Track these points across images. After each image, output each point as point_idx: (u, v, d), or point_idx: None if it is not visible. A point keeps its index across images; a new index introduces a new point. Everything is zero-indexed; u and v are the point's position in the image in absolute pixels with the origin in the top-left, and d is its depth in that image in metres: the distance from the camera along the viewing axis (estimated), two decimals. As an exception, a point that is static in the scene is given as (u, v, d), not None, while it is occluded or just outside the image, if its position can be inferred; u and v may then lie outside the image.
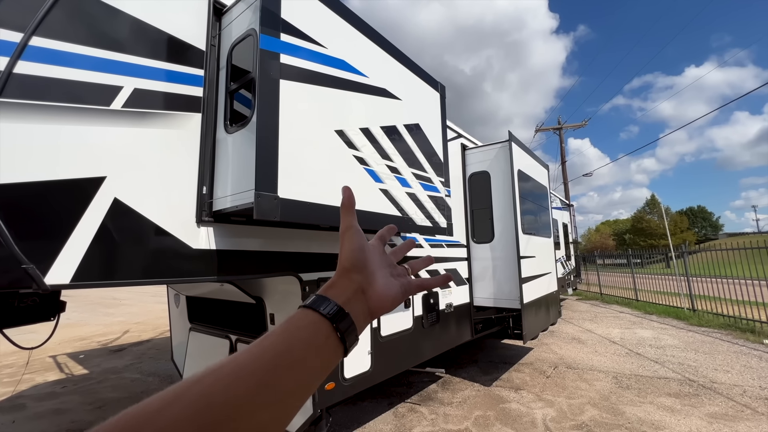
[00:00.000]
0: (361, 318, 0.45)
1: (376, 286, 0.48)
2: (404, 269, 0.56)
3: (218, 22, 2.16)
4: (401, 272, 0.54)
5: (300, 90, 2.00)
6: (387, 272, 0.51)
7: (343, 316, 0.42)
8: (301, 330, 0.40)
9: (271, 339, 0.38)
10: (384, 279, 0.49)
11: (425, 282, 0.55)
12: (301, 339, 0.39)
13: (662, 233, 45.63)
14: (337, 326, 0.41)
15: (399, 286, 0.50)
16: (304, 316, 0.41)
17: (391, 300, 0.48)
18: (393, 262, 0.55)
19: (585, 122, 21.65)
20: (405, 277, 0.54)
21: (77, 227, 1.50)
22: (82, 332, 8.22)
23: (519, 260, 4.28)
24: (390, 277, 0.51)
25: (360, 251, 0.48)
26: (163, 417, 0.29)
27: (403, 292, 0.51)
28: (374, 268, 0.49)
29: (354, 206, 0.52)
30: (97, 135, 1.61)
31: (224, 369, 0.34)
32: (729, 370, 4.83)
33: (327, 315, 0.41)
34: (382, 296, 0.48)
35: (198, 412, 0.30)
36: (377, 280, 0.48)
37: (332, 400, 2.63)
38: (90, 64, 1.60)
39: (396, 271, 0.53)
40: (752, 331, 6.78)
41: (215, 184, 2.03)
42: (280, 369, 0.35)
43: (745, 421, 3.40)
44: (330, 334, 0.41)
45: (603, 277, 13.75)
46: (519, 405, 3.89)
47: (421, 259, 0.63)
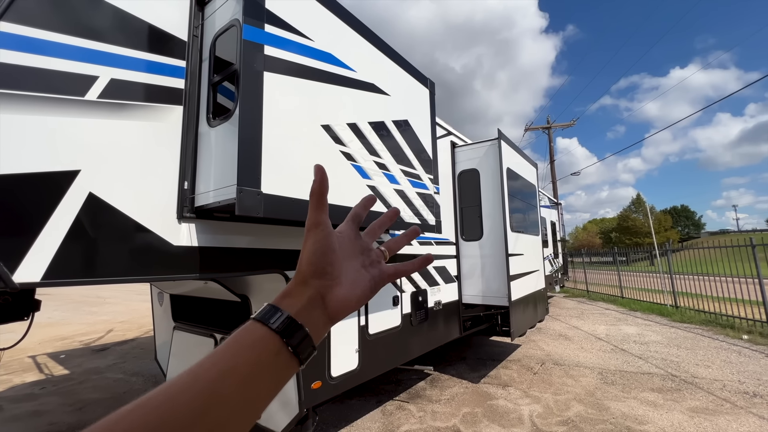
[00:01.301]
0: (319, 326, 0.42)
1: (339, 288, 0.43)
2: (380, 253, 0.50)
3: (201, 12, 2.09)
4: (375, 258, 0.49)
5: (285, 83, 1.96)
6: (358, 263, 0.47)
7: (294, 328, 0.39)
8: (245, 348, 0.36)
9: (213, 359, 0.35)
10: (352, 275, 0.45)
11: (401, 268, 0.50)
12: (245, 358, 0.36)
13: (647, 232, 46.66)
14: (288, 341, 0.38)
15: (369, 281, 0.46)
16: (250, 331, 0.38)
17: (355, 301, 0.44)
18: (368, 247, 0.49)
19: (573, 122, 21.93)
20: (378, 265, 0.48)
21: (48, 223, 1.44)
22: (63, 331, 8.00)
23: (507, 258, 4.30)
24: (361, 269, 0.47)
25: (323, 254, 0.43)
26: None
27: (372, 287, 0.46)
28: (340, 268, 0.44)
29: (326, 195, 0.45)
30: (71, 126, 1.54)
31: (157, 398, 0.31)
32: (710, 365, 4.94)
33: (276, 329, 0.38)
34: (346, 299, 0.44)
35: None
36: (342, 281, 0.44)
37: (319, 399, 2.60)
38: (63, 52, 1.53)
39: (369, 258, 0.48)
40: (732, 327, 6.96)
41: (197, 179, 1.97)
42: (222, 394, 0.32)
43: (725, 414, 3.48)
44: (280, 350, 0.38)
45: (590, 275, 13.97)
46: (506, 402, 3.92)
47: (402, 235, 0.54)
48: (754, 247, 6.93)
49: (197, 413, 0.31)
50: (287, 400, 2.49)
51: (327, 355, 2.69)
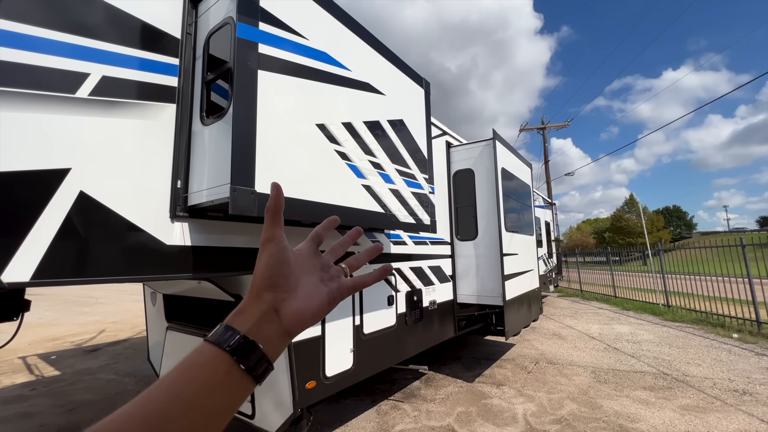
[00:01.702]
0: (275, 341, 0.41)
1: (293, 301, 0.43)
2: (340, 269, 0.51)
3: (194, 9, 2.07)
4: (335, 274, 0.50)
5: (280, 82, 1.95)
6: (316, 278, 0.47)
7: (248, 347, 0.38)
8: (195, 369, 0.36)
9: (163, 383, 0.34)
10: (308, 289, 0.45)
11: (359, 281, 0.51)
12: (195, 380, 0.35)
13: (640, 232, 47.12)
14: (240, 359, 0.37)
15: (326, 295, 0.47)
16: (201, 352, 0.38)
17: (311, 314, 0.44)
18: (327, 263, 0.50)
19: (568, 122, 22.08)
20: (337, 280, 0.49)
21: (38, 222, 1.41)
22: (54, 332, 7.90)
23: (502, 257, 4.32)
24: (318, 283, 0.47)
25: (276, 266, 0.43)
26: None
27: (330, 301, 0.47)
28: (296, 281, 0.45)
29: (281, 211, 0.46)
30: (61, 124, 1.52)
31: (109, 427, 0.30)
32: (700, 364, 5.01)
33: (227, 348, 0.37)
34: (301, 312, 0.43)
35: None
36: (297, 294, 0.44)
37: (313, 399, 2.60)
38: (53, 49, 1.51)
39: (329, 274, 0.49)
40: (722, 326, 7.06)
41: (190, 178, 1.95)
42: (172, 418, 0.32)
43: (715, 412, 3.53)
44: (231, 370, 0.37)
45: (583, 275, 14.08)
46: (501, 400, 3.94)
47: (363, 252, 0.56)
48: (744, 247, 7.03)
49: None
50: (281, 400, 2.48)
51: (322, 355, 2.69)
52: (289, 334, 0.43)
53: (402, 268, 3.74)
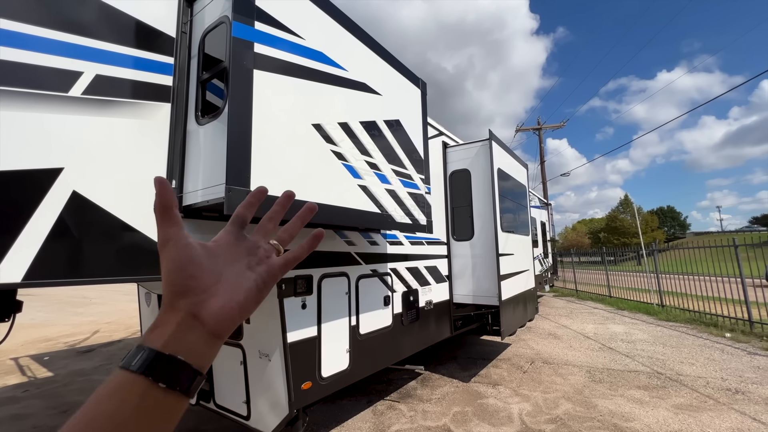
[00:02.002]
0: (200, 348, 0.38)
1: (214, 300, 0.39)
2: (270, 248, 0.46)
3: (189, 8, 2.06)
4: (264, 255, 0.45)
5: (275, 81, 1.94)
6: (240, 267, 0.43)
7: (164, 362, 0.35)
8: (105, 399, 0.33)
9: (74, 419, 0.32)
10: (231, 281, 0.41)
11: (290, 255, 0.46)
12: (105, 411, 0.32)
13: (634, 232, 47.49)
14: (157, 378, 0.34)
15: (253, 282, 0.42)
16: (111, 379, 0.34)
17: (238, 309, 0.40)
18: (254, 245, 0.45)
19: (563, 123, 22.19)
20: (267, 261, 0.44)
21: (30, 222, 1.40)
22: (47, 333, 7.82)
23: (498, 258, 4.33)
24: (244, 271, 0.42)
25: (181, 269, 0.39)
26: None
27: (259, 288, 0.42)
28: (213, 277, 0.40)
29: (172, 208, 0.40)
30: (54, 123, 1.51)
31: None
32: (694, 363, 5.05)
33: (137, 370, 0.34)
34: (225, 309, 0.39)
35: None
36: (217, 291, 0.40)
37: (309, 399, 2.59)
38: (46, 47, 1.50)
39: (256, 258, 0.44)
40: (715, 325, 7.13)
41: (185, 178, 1.94)
42: None
43: (708, 411, 3.56)
44: (147, 391, 0.34)
45: (578, 275, 14.16)
46: (496, 400, 3.95)
47: (295, 218, 0.50)
48: (737, 248, 7.10)
49: None
50: (277, 401, 2.47)
51: (317, 356, 2.68)
52: (217, 335, 0.39)
53: (398, 269, 3.74)
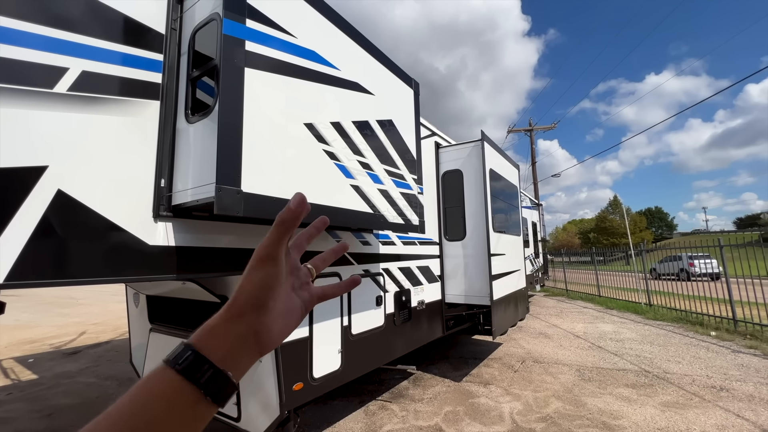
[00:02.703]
0: (245, 367, 0.38)
1: (276, 323, 0.40)
2: (307, 273, 0.47)
3: (179, 4, 2.03)
4: (304, 279, 0.46)
5: (267, 80, 1.92)
6: (288, 288, 0.43)
7: (218, 379, 0.35)
8: (160, 400, 0.32)
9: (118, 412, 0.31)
10: (285, 303, 0.41)
11: (328, 291, 0.48)
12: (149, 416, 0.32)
13: (623, 232, 48.23)
14: (208, 393, 0.34)
15: (300, 308, 0.43)
16: (165, 380, 0.33)
17: (289, 332, 0.42)
18: (297, 266, 0.45)
19: (554, 124, 22.43)
20: (308, 288, 0.45)
21: (12, 221, 1.36)
22: (32, 334, 7.64)
23: (489, 258, 4.36)
24: (291, 294, 0.43)
25: (270, 289, 0.39)
26: None
27: (303, 314, 0.44)
28: (277, 299, 0.40)
29: (294, 228, 0.40)
30: (38, 120, 1.47)
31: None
32: (680, 361, 5.15)
33: (194, 383, 0.33)
34: (281, 333, 0.40)
35: None
36: (278, 313, 0.40)
37: (300, 400, 2.57)
38: (30, 42, 1.46)
39: (299, 280, 0.45)
40: (701, 324, 7.28)
41: (175, 177, 1.91)
42: None
43: (694, 408, 3.63)
44: (195, 402, 0.34)
45: (569, 274, 14.33)
46: (488, 399, 3.97)
47: (330, 251, 0.51)
48: (722, 248, 7.26)
49: None
50: (268, 402, 2.45)
51: (309, 356, 2.67)
52: (260, 354, 0.40)
53: (390, 269, 3.74)
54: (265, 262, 0.39)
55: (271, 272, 0.39)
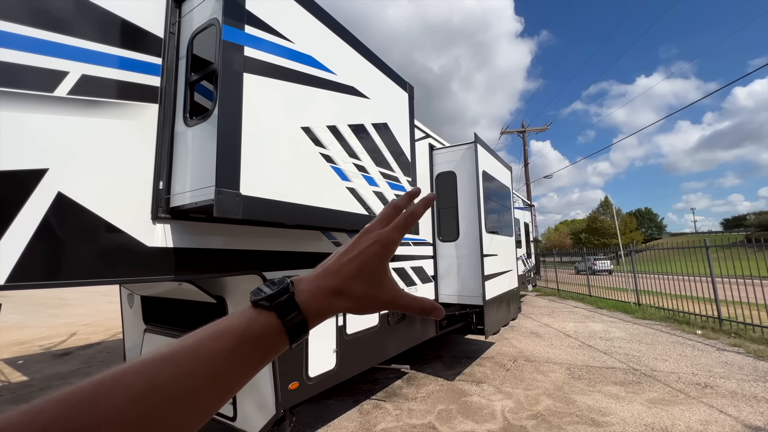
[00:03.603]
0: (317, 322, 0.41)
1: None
2: None
3: (178, 8, 2.05)
4: None
5: (265, 84, 1.95)
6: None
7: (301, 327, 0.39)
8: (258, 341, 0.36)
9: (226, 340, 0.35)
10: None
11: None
12: (258, 346, 0.36)
13: (614, 233, 48.88)
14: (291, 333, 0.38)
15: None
16: (269, 328, 0.37)
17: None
18: None
19: (546, 126, 22.68)
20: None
21: (13, 223, 1.38)
22: (21, 335, 7.54)
23: (482, 258, 4.43)
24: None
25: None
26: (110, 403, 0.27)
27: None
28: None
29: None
30: (39, 123, 1.49)
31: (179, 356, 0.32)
32: (667, 359, 5.28)
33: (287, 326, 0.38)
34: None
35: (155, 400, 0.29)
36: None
37: (296, 400, 2.61)
38: (30, 46, 1.48)
39: None
40: (688, 323, 7.45)
41: (173, 179, 1.93)
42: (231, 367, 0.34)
43: (679, 405, 3.74)
44: (283, 344, 0.38)
45: (560, 274, 14.52)
46: (480, 398, 4.04)
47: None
48: (708, 248, 7.44)
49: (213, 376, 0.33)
50: (264, 401, 2.48)
51: (305, 356, 2.70)
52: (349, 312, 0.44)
53: (385, 269, 3.78)
54: (386, 246, 0.43)
55: (385, 253, 0.43)
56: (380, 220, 0.47)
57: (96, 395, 0.28)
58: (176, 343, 0.34)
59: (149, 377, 0.30)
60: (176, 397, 0.30)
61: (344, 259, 0.43)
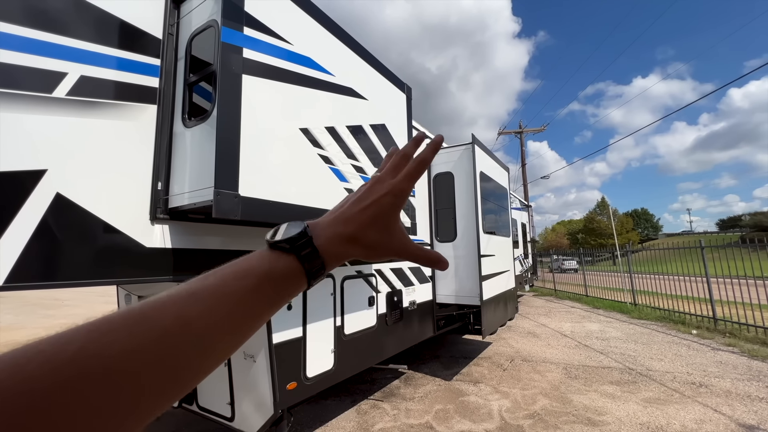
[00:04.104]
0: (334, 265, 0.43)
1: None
2: None
3: (177, 10, 2.06)
4: None
5: (263, 86, 1.96)
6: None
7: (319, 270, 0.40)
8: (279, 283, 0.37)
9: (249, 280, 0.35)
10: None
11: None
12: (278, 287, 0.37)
13: (611, 233, 49.16)
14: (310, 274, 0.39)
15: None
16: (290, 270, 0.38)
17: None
18: None
19: (544, 127, 22.78)
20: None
21: (12, 224, 1.38)
22: (16, 336, 7.49)
23: (479, 259, 4.45)
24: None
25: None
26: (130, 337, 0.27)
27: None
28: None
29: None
30: (38, 124, 1.49)
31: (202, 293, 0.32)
32: (662, 359, 5.32)
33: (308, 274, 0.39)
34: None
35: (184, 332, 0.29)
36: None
37: (294, 400, 2.61)
38: (29, 47, 1.48)
39: None
40: (683, 323, 7.50)
41: (172, 180, 1.94)
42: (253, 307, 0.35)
43: (674, 404, 3.77)
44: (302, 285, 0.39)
45: (557, 275, 14.58)
46: (477, 398, 4.06)
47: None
48: (703, 249, 7.50)
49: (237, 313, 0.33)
50: (262, 401, 2.48)
51: (303, 356, 2.71)
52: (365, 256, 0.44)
53: (383, 270, 3.80)
54: (398, 197, 0.44)
55: (398, 203, 0.44)
56: (391, 169, 0.47)
57: (126, 327, 0.28)
58: (196, 281, 0.34)
59: (176, 311, 0.30)
60: (201, 333, 0.30)
61: (358, 207, 0.43)
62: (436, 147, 0.49)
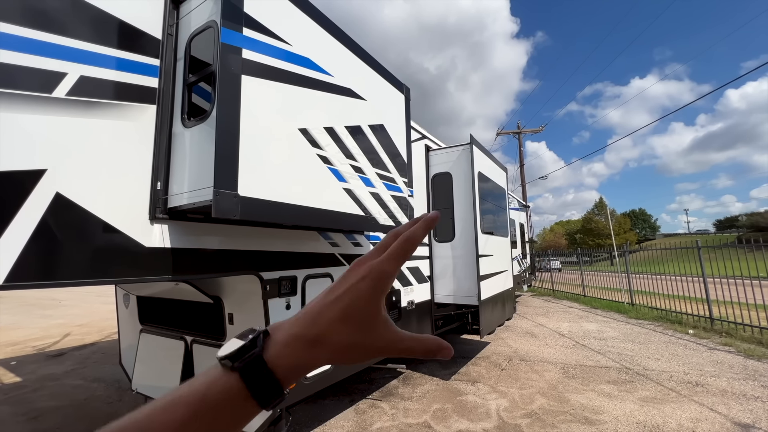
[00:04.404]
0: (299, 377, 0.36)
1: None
2: None
3: (176, 10, 2.06)
4: None
5: (263, 86, 1.97)
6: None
7: (279, 394, 0.33)
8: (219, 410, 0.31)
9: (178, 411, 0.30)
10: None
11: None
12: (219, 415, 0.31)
13: (608, 233, 49.28)
14: (268, 408, 0.33)
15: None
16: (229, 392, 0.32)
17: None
18: None
19: (542, 127, 22.83)
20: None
21: (12, 224, 1.39)
22: (14, 336, 7.47)
23: (477, 259, 4.46)
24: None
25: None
26: None
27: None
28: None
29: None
30: (37, 124, 1.49)
31: None
32: (659, 358, 5.35)
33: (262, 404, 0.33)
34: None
35: None
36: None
37: (292, 399, 2.62)
38: (29, 47, 1.48)
39: None
40: (680, 323, 7.54)
41: (171, 180, 1.94)
42: None
43: (671, 403, 3.80)
44: (253, 409, 0.33)
45: (555, 275, 14.62)
46: (475, 397, 4.07)
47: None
48: (700, 249, 7.54)
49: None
50: (260, 401, 2.49)
51: (301, 356, 2.71)
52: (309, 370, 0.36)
53: (381, 269, 3.80)
54: (378, 281, 0.36)
55: (379, 288, 0.36)
56: (376, 249, 0.39)
57: None
58: (127, 417, 0.30)
59: None
60: None
61: (328, 299, 0.36)
62: (428, 224, 0.40)
